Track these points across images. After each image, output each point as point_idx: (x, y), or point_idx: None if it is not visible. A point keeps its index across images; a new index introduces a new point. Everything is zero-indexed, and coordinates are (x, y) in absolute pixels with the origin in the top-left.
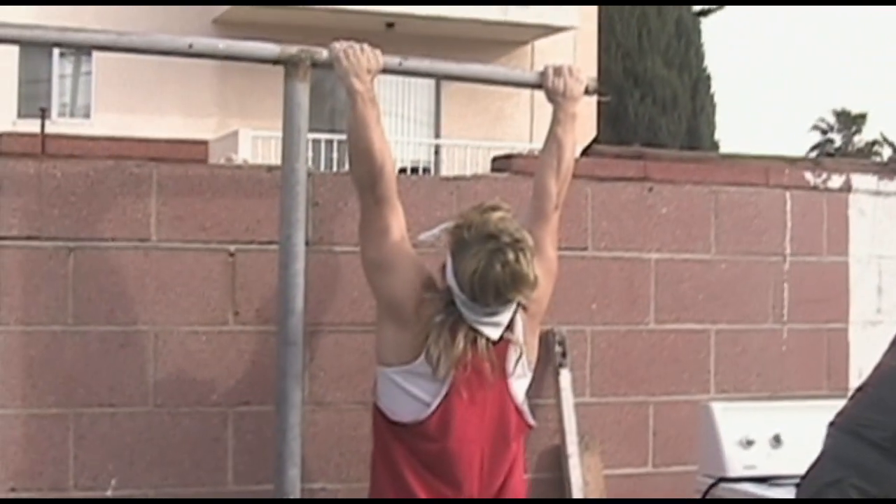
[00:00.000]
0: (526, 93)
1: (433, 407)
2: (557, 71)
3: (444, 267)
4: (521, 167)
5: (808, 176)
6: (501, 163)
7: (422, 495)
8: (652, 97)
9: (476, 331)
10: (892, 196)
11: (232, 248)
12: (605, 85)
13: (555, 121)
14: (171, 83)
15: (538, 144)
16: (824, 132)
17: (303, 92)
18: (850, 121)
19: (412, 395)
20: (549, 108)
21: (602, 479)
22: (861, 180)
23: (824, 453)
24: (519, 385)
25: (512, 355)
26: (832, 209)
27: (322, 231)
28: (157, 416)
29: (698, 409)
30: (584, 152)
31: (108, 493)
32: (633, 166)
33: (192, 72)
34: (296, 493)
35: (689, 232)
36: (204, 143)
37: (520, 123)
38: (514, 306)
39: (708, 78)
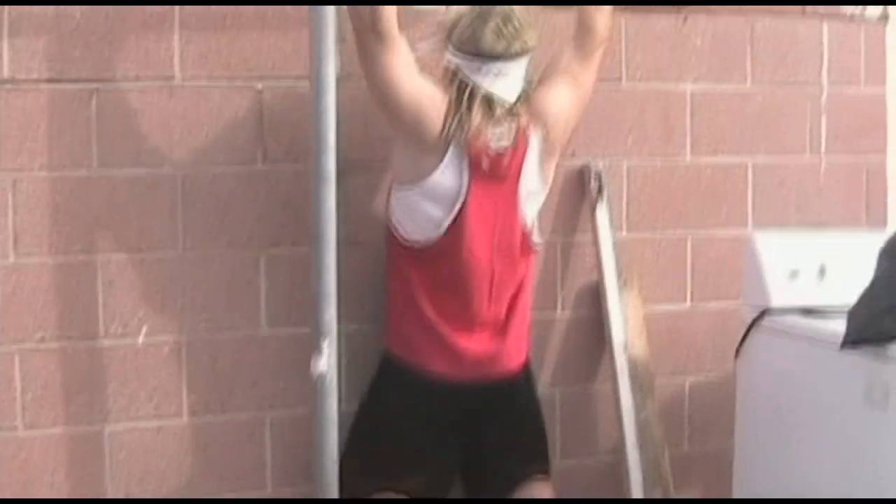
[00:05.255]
0: None
1: (446, 225)
2: None
3: (446, 67)
4: None
5: (845, 6)
6: None
7: (433, 318)
8: None
9: (489, 97)
10: None
11: (259, 85)
12: None
13: None
14: None
15: None
16: None
17: None
18: None
19: (426, 214)
20: None
21: (641, 316)
22: None
23: (877, 280)
24: (530, 205)
25: (530, 166)
26: (870, 39)
27: (351, 67)
28: (187, 261)
29: (742, 239)
30: None
31: (140, 340)
32: None
33: None
34: (332, 335)
35: (724, 63)
36: None
37: None
38: (521, 61)
39: None
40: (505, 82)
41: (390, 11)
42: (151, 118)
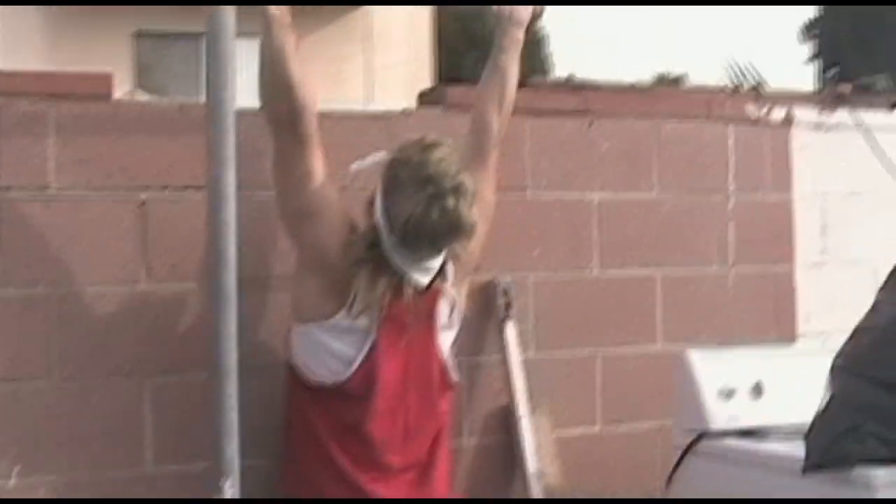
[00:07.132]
0: (363, 55)
1: (357, 363)
2: None
3: (371, 202)
4: (457, 100)
5: (750, 108)
6: (434, 95)
7: (345, 463)
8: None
9: (402, 276)
10: (832, 130)
11: (143, 195)
12: (442, 45)
13: (498, 48)
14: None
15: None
16: None
17: (228, 13)
18: (669, 83)
19: (334, 352)
20: (386, 74)
21: (553, 441)
22: (803, 113)
23: (833, 398)
24: (445, 338)
25: (443, 306)
26: (775, 144)
27: (242, 173)
28: (64, 392)
29: (674, 358)
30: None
31: (12, 482)
32: (572, 98)
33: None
34: (235, 473)
35: (632, 169)
36: (107, 75)
37: (357, 87)
38: (446, 253)
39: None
40: (423, 272)
41: (311, 112)
42: (24, 232)
